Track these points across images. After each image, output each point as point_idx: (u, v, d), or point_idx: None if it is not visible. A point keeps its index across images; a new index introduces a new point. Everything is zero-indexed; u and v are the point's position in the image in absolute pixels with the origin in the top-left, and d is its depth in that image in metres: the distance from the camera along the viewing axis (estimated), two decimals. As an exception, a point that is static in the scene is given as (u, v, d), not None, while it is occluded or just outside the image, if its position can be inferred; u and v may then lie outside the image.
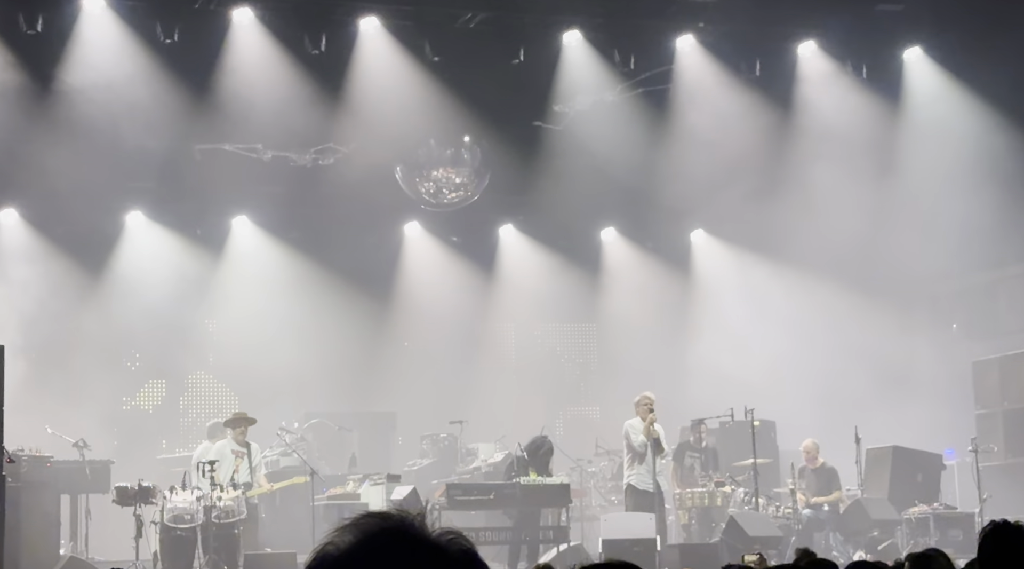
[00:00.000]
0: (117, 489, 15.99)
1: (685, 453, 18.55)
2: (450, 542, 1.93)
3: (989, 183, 20.09)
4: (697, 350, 22.68)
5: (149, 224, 21.59)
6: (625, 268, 23.85)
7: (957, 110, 20.79)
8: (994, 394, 20.22)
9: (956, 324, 23.24)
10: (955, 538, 17.13)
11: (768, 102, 20.82)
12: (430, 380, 22.33)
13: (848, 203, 20.78)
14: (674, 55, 20.40)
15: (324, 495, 17.70)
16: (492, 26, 19.17)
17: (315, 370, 21.61)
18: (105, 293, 21.29)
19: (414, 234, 23.16)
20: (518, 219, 23.37)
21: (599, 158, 20.70)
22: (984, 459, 18.39)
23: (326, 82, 19.41)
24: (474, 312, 23.31)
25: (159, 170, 20.02)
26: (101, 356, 21.07)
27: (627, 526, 16.19)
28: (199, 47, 18.64)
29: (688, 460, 18.43)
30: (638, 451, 16.98)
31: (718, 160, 20.67)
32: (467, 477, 19.01)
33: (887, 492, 18.60)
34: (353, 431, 21.07)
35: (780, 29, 20.25)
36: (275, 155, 20.32)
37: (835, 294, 21.72)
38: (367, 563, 1.89)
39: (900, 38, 20.72)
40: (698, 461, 18.45)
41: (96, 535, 17.10)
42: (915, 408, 20.76)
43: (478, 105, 19.95)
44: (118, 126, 18.51)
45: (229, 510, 15.76)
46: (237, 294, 22.09)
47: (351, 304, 22.28)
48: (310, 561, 1.94)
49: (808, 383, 20.92)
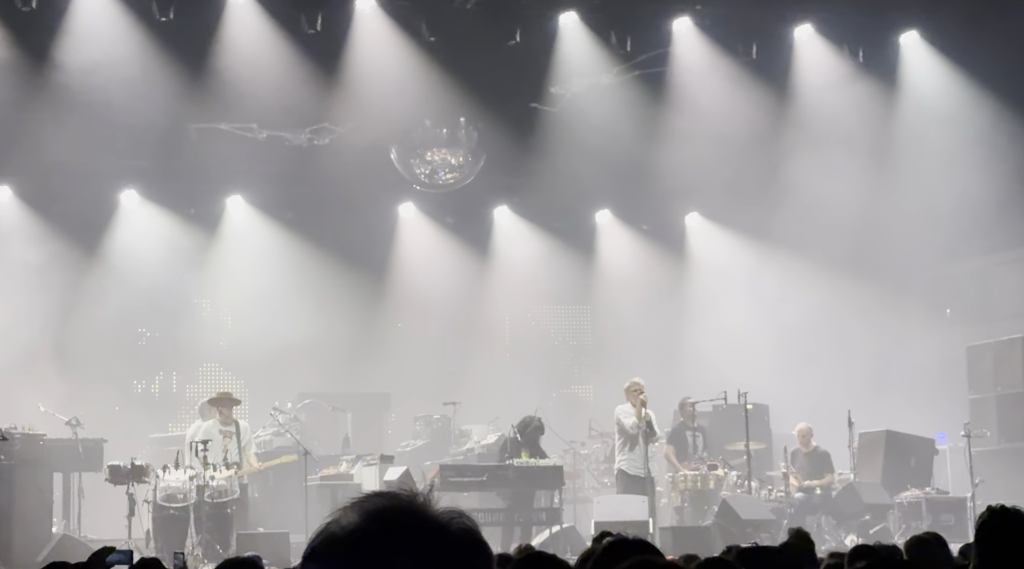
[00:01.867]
0: (110, 468, 16.01)
1: (684, 432, 18.56)
2: (453, 521, 1.93)
3: (984, 168, 20.09)
4: (691, 333, 22.71)
5: (143, 202, 21.55)
6: (620, 250, 23.85)
7: (953, 94, 20.78)
8: (987, 379, 20.25)
9: (950, 309, 23.28)
10: (947, 522, 17.16)
11: (764, 85, 20.79)
12: (424, 361, 22.34)
13: (843, 187, 20.77)
14: (671, 38, 20.36)
15: (317, 475, 17.71)
16: (489, 7, 19.11)
17: (309, 350, 21.59)
18: (100, 271, 21.25)
19: (409, 215, 23.14)
20: (513, 201, 23.35)
21: (595, 140, 20.67)
22: (977, 444, 18.43)
23: (322, 62, 19.36)
24: (468, 293, 23.30)
25: (154, 149, 19.96)
26: (96, 335, 21.04)
27: (620, 508, 16.24)
28: (195, 25, 18.58)
29: (689, 437, 18.43)
30: (631, 434, 17.02)
31: (714, 143, 20.65)
32: (460, 458, 19.03)
33: (880, 476, 18.64)
34: (347, 412, 21.08)
35: (777, 12, 20.22)
36: (270, 134, 20.28)
37: (829, 278, 21.73)
38: (371, 542, 1.89)
39: (896, 22, 20.70)
40: (700, 438, 18.46)
41: (89, 513, 17.11)
42: (909, 392, 20.81)
43: (474, 86, 19.92)
44: (113, 104, 18.45)
45: (222, 489, 15.78)
46: (231, 274, 22.07)
47: (345, 285, 22.27)
48: (314, 539, 1.93)
49: (802, 367, 20.95)
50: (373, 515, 1.91)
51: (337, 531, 1.91)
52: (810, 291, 21.88)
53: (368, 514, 1.91)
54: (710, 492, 17.65)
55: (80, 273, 21.07)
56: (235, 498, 15.90)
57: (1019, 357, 19.85)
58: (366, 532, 1.89)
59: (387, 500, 1.93)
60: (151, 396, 22.50)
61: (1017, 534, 5.45)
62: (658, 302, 23.45)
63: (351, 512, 1.92)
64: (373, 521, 1.90)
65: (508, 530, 16.39)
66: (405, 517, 1.91)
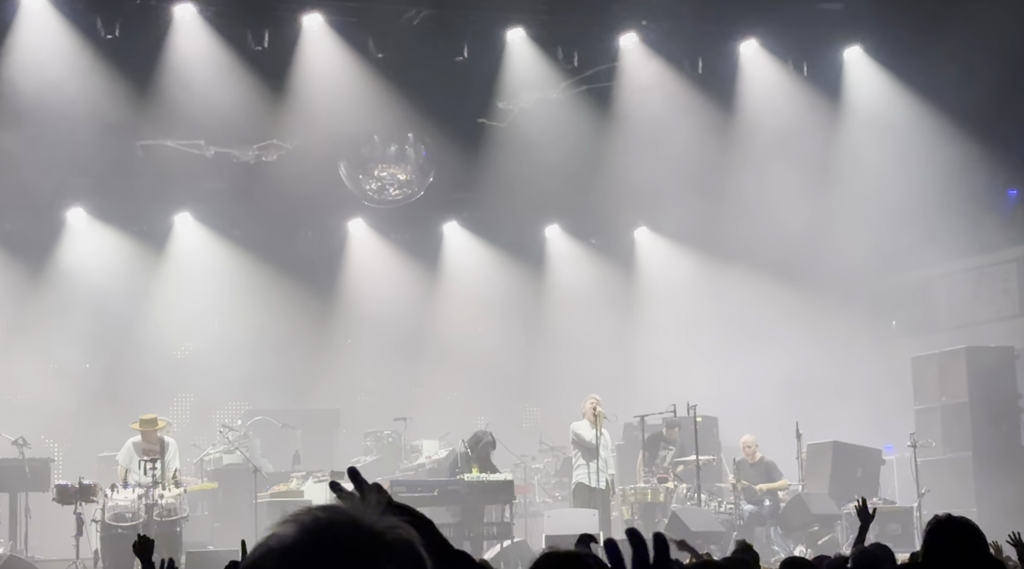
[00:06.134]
0: (57, 487, 15.87)
1: (659, 443, 18.85)
2: (389, 532, 1.95)
3: (929, 180, 20.31)
4: (640, 346, 22.79)
5: (90, 221, 21.41)
6: (569, 265, 23.91)
7: (895, 108, 21.01)
8: (932, 390, 20.45)
9: (896, 321, 23.50)
10: (894, 532, 17.31)
11: (711, 100, 20.94)
12: (374, 377, 22.30)
13: (789, 201, 20.92)
14: (617, 53, 20.47)
15: (267, 492, 17.64)
16: (436, 23, 19.16)
17: (258, 368, 21.49)
18: (47, 290, 21.08)
19: (358, 231, 23.10)
20: (462, 216, 23.37)
21: (543, 155, 20.74)
22: (923, 454, 18.62)
23: (269, 78, 19.32)
24: (418, 309, 23.28)
25: (100, 166, 19.85)
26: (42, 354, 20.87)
27: (570, 522, 16.25)
28: (141, 42, 18.51)
29: (663, 451, 18.79)
30: (590, 446, 17.13)
31: (661, 157, 20.75)
32: (411, 474, 19.01)
33: (827, 487, 18.78)
34: (296, 428, 21.00)
35: (722, 27, 20.38)
36: (218, 151, 20.20)
37: (776, 291, 21.89)
38: (310, 555, 1.89)
39: (840, 37, 20.91)
40: (671, 454, 18.80)
41: (36, 534, 16.96)
42: (855, 404, 20.98)
43: (422, 102, 19.94)
44: (58, 122, 18.33)
45: (171, 508, 15.68)
46: (179, 291, 21.95)
47: (294, 301, 22.21)
48: (252, 554, 1.94)
49: (750, 379, 21.08)
50: (311, 529, 1.92)
51: (276, 545, 1.92)
52: (757, 304, 22.04)
53: (306, 528, 1.92)
54: (660, 505, 17.75)
55: (25, 292, 20.89)
56: (183, 517, 15.80)
57: (963, 368, 20.07)
58: (304, 546, 1.90)
59: (325, 513, 1.95)
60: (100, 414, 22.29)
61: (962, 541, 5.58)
62: (608, 316, 23.53)
63: (289, 526, 1.93)
64: (311, 534, 1.91)
65: (458, 545, 16.36)
66: (343, 529, 1.92)
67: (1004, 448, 19.87)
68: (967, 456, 19.67)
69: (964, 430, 19.83)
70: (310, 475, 18.00)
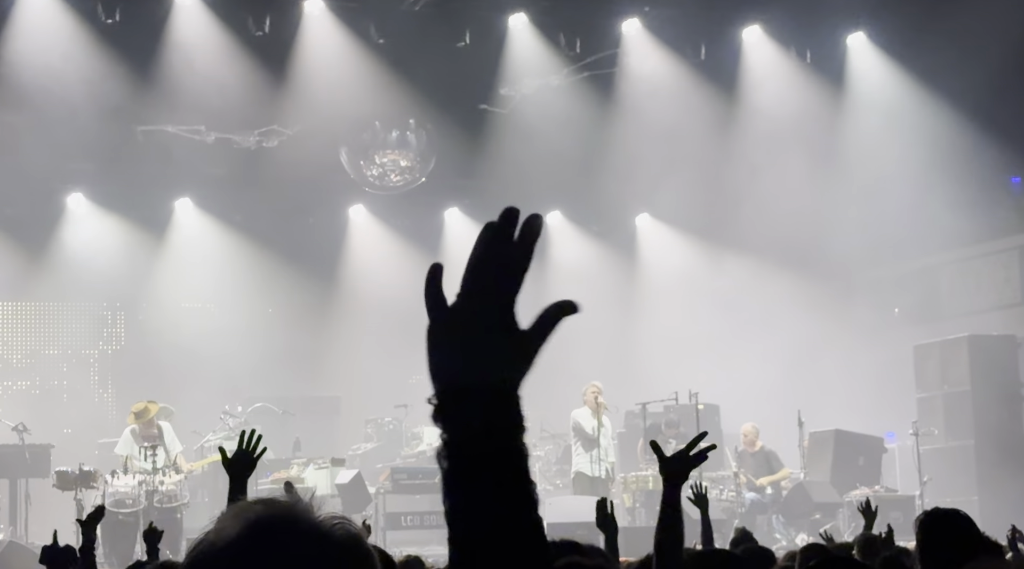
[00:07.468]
0: (58, 473, 15.85)
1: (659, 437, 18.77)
2: (336, 527, 1.89)
3: (931, 167, 20.25)
4: (642, 333, 22.75)
5: (91, 206, 21.36)
6: (570, 252, 23.83)
7: (900, 95, 20.95)
8: (934, 378, 20.41)
9: (898, 308, 23.45)
10: (896, 520, 17.17)
11: (713, 86, 20.88)
12: (374, 364, 22.25)
13: (791, 188, 20.87)
14: (620, 39, 20.40)
15: (268, 479, 17.60)
16: (438, 8, 19.08)
17: (259, 354, 21.46)
18: (47, 276, 21.05)
19: (359, 217, 23.05)
20: (464, 203, 23.30)
21: (545, 142, 20.67)
22: (924, 442, 18.58)
23: (270, 64, 19.27)
24: (419, 296, 22.63)
25: (101, 152, 19.79)
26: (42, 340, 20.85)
27: (571, 509, 16.22)
28: (141, 27, 18.44)
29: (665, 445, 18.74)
30: (590, 437, 17.09)
31: (663, 144, 20.70)
32: (412, 461, 18.97)
33: (829, 475, 18.76)
34: (297, 415, 20.95)
35: (725, 14, 20.30)
36: (218, 137, 20.14)
37: (778, 278, 21.84)
38: (251, 551, 1.85)
39: (843, 23, 20.84)
40: (671, 448, 18.70)
41: (36, 520, 16.92)
42: (857, 392, 20.93)
43: (424, 88, 19.87)
44: (58, 107, 18.27)
45: (171, 494, 15.66)
46: (180, 277, 21.91)
47: (295, 288, 22.17)
48: (192, 550, 1.88)
49: (752, 367, 21.03)
50: (252, 524, 1.86)
51: (216, 541, 1.87)
52: (759, 291, 21.99)
53: (247, 523, 1.87)
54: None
55: (25, 278, 20.85)
56: (184, 503, 15.78)
57: (965, 356, 20.03)
58: (244, 541, 1.85)
59: (266, 508, 1.89)
60: (101, 400, 22.29)
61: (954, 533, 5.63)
62: (609, 303, 23.45)
63: (230, 521, 1.88)
64: (252, 530, 1.86)
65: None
66: (285, 524, 1.87)
67: (1006, 436, 19.84)
68: (969, 444, 19.63)
69: (966, 418, 19.80)
70: (311, 462, 17.97)
